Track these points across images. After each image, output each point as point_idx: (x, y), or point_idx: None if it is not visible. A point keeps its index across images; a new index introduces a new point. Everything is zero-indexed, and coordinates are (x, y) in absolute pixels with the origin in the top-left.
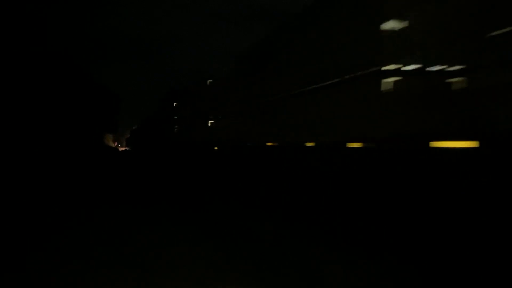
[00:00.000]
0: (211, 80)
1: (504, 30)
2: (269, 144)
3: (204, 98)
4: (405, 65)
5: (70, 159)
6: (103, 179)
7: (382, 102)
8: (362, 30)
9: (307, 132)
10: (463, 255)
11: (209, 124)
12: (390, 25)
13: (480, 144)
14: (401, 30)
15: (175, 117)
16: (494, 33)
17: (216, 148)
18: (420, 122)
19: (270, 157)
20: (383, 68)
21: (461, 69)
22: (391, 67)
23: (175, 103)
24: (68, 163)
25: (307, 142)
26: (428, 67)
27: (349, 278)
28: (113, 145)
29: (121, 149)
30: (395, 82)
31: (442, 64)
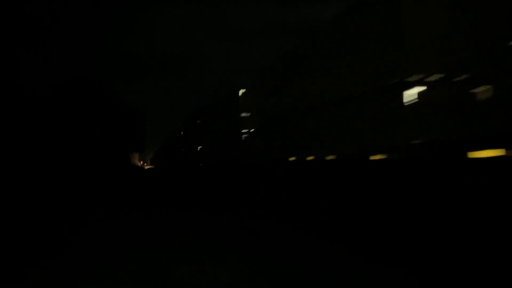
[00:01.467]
0: (199, 120)
1: None
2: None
3: (194, 132)
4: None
5: (99, 177)
6: (129, 193)
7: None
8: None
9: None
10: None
11: (198, 149)
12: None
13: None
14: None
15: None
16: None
17: (200, 165)
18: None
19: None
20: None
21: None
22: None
23: (182, 132)
24: (97, 181)
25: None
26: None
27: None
28: (139, 164)
29: (146, 167)
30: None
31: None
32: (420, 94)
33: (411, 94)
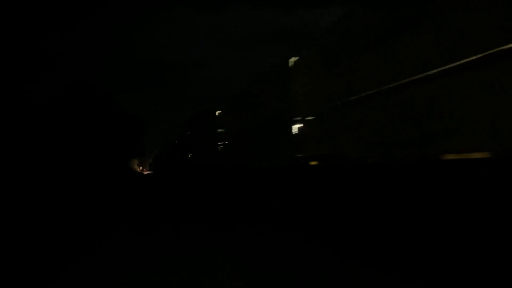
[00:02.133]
0: (189, 132)
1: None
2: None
3: (185, 142)
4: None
5: (98, 183)
6: (128, 198)
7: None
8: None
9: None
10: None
11: (189, 156)
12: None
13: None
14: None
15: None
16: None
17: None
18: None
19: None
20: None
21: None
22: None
23: (176, 141)
24: (96, 186)
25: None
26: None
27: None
28: (138, 169)
29: (145, 172)
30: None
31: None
32: (299, 128)
33: (296, 127)
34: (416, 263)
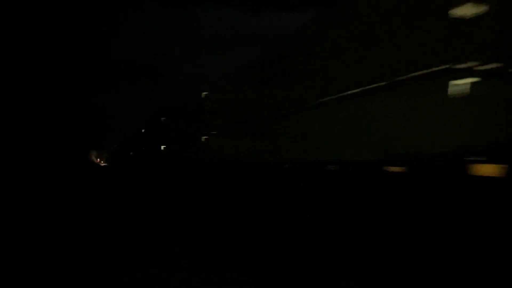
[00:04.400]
0: (163, 118)
1: None
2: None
3: (156, 132)
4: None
5: (55, 172)
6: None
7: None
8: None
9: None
10: None
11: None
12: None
13: None
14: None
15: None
16: None
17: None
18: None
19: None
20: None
21: None
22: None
23: (143, 130)
24: (52, 175)
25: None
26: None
27: None
28: (95, 161)
29: (102, 164)
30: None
31: None
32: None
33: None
34: None
